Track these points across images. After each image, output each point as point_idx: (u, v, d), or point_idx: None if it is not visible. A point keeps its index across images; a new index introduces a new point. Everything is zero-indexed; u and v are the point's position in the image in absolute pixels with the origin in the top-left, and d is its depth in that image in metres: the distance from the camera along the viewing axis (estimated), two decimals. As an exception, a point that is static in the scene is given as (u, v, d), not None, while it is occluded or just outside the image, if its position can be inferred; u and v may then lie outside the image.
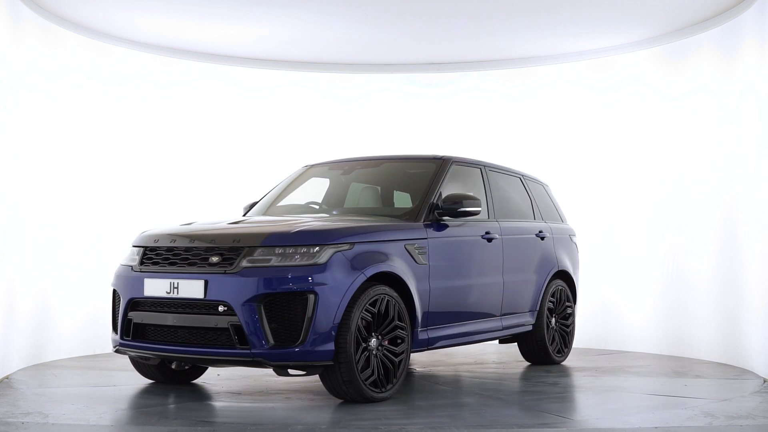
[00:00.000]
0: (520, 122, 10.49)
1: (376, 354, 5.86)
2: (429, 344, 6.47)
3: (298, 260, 5.60)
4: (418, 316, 6.26)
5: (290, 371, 5.72)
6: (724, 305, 8.44)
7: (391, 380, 5.98)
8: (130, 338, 6.04)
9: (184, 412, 5.63)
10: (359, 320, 5.71)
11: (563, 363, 8.26)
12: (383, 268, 5.94)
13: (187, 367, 6.77)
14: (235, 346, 5.55)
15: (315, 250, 5.65)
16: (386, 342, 5.97)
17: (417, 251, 6.34)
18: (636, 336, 9.56)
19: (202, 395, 6.32)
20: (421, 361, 8.49)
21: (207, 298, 5.63)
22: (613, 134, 9.94)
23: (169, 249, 5.97)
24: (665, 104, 9.38)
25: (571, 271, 8.47)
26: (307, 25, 9.03)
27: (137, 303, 6.01)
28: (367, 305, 5.79)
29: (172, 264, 5.91)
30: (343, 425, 5.19)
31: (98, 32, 9.09)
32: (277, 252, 5.63)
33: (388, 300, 5.95)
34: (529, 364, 8.20)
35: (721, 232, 8.51)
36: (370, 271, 5.82)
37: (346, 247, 5.78)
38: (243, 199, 9.89)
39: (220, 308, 5.60)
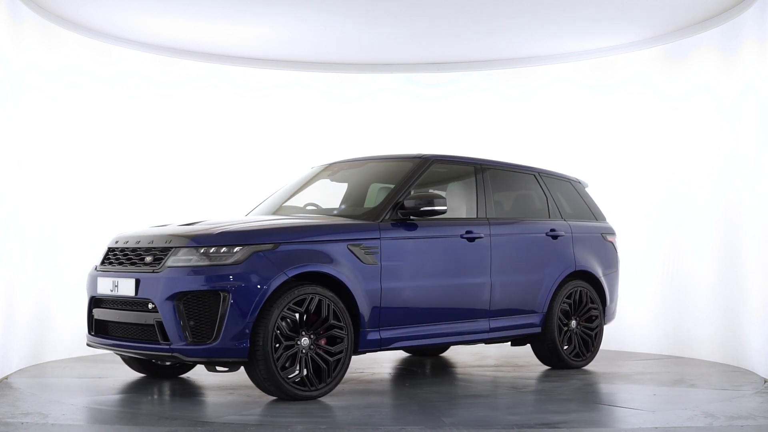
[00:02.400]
0: (520, 122, 10.49)
1: (305, 353, 5.92)
2: (382, 345, 6.43)
3: (216, 260, 5.78)
4: (364, 316, 6.24)
5: (218, 368, 5.90)
6: (724, 305, 8.44)
7: (325, 379, 6.01)
8: (94, 334, 6.46)
9: (184, 411, 5.63)
10: (279, 319, 5.79)
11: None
12: (311, 268, 5.97)
13: (176, 363, 6.86)
14: (159, 342, 5.83)
15: (235, 251, 5.80)
16: (323, 341, 6.02)
17: (364, 251, 6.30)
18: (636, 336, 9.55)
19: (201, 394, 6.32)
20: (463, 361, 8.47)
21: (138, 296, 5.95)
22: (613, 134, 9.94)
23: (122, 249, 6.35)
24: (665, 104, 9.39)
25: (597, 271, 8.05)
26: (307, 25, 9.03)
27: (99, 301, 6.41)
28: (290, 304, 5.85)
29: (120, 264, 6.29)
30: (342, 424, 5.19)
31: (98, 32, 9.09)
32: (200, 252, 5.83)
33: (320, 300, 5.97)
34: (547, 367, 7.90)
35: (721, 232, 8.51)
36: (294, 271, 5.88)
37: (268, 247, 5.88)
38: (243, 199, 9.90)
39: (150, 305, 5.90)
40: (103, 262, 6.48)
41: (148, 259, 6.02)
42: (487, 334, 7.19)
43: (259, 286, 5.73)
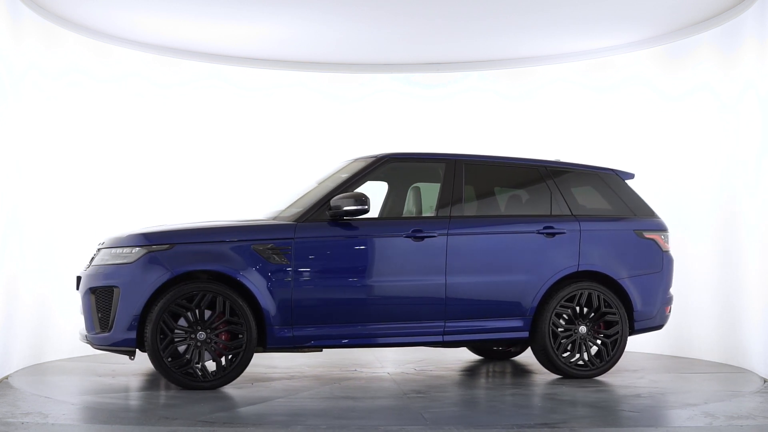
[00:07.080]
0: (520, 122, 10.48)
1: (200, 346, 6.44)
2: (296, 342, 6.65)
3: (119, 259, 6.52)
4: (270, 313, 6.55)
5: (131, 357, 6.64)
6: (724, 305, 8.44)
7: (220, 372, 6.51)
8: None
9: (184, 411, 5.63)
10: (165, 313, 6.36)
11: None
12: (200, 266, 6.48)
13: None
14: (85, 331, 6.69)
15: (133, 251, 6.50)
16: (224, 336, 6.50)
17: (271, 251, 6.60)
18: (635, 335, 9.53)
19: (202, 392, 6.30)
20: (497, 363, 8.50)
21: (77, 290, 6.83)
22: (614, 134, 9.93)
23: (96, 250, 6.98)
24: (666, 103, 9.39)
25: (615, 271, 7.38)
26: (307, 25, 9.04)
27: None
28: (179, 300, 6.39)
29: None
30: (342, 423, 5.19)
31: (98, 32, 9.10)
32: (112, 252, 6.61)
33: (215, 296, 6.44)
34: (551, 374, 7.50)
35: (721, 231, 8.51)
36: (180, 270, 6.44)
37: (164, 247, 6.50)
38: (243, 199, 9.90)
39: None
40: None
41: (89, 259, 6.86)
42: (442, 336, 6.99)
43: (146, 283, 6.38)
